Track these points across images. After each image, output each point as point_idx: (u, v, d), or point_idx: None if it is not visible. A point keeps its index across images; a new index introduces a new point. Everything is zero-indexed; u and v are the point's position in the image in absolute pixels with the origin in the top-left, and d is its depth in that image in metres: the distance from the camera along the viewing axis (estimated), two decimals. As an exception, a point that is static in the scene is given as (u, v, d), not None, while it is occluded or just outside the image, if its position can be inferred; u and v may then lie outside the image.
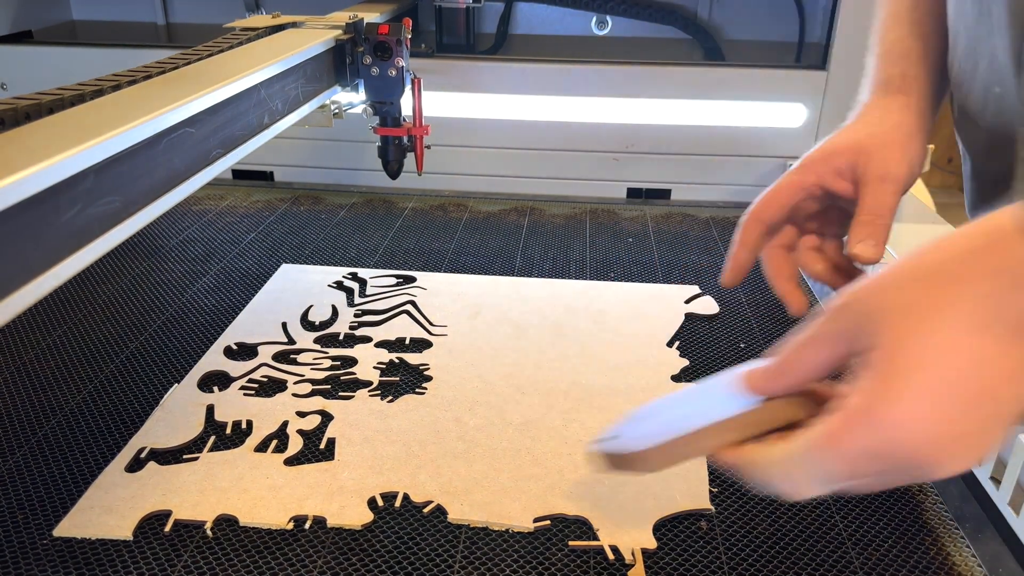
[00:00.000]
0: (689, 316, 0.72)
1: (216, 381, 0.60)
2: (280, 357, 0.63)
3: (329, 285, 0.76)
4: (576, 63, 1.01)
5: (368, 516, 0.47)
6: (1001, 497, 0.47)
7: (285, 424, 0.55)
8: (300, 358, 0.63)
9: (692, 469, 0.52)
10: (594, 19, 1.14)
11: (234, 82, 0.51)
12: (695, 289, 0.77)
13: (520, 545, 0.46)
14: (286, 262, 0.81)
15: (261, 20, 0.75)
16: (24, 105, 0.39)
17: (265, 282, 0.76)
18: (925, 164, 0.51)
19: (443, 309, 0.72)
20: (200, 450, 0.52)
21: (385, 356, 0.64)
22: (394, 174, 0.85)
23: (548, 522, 0.47)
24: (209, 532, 0.46)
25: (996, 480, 0.48)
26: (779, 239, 0.48)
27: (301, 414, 0.56)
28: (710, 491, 0.50)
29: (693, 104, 1.00)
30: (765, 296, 0.77)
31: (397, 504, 0.48)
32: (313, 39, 0.69)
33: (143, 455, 0.52)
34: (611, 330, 0.69)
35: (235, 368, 0.62)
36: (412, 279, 0.78)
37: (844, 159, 0.49)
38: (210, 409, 0.56)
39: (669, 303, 0.74)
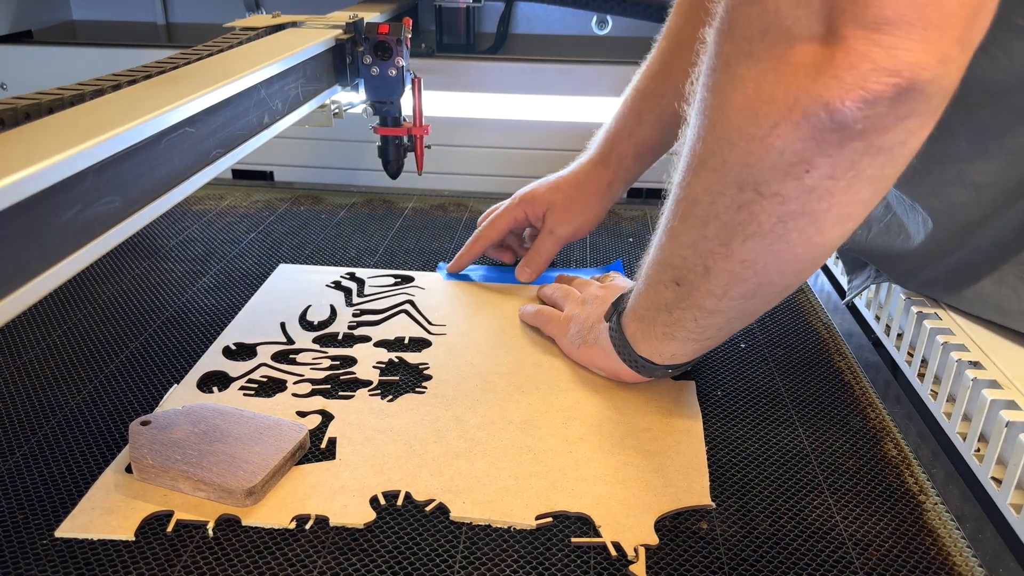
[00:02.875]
0: (689, 316, 0.72)
1: (216, 381, 0.60)
2: (279, 357, 0.63)
3: (327, 285, 0.76)
4: (576, 63, 1.01)
5: (370, 515, 0.47)
6: (1002, 498, 0.47)
7: (285, 424, 0.55)
8: (299, 358, 0.63)
9: (693, 466, 0.52)
10: (594, 19, 1.14)
11: (234, 82, 0.51)
12: (695, 289, 0.77)
13: (522, 543, 0.46)
14: (286, 262, 0.81)
15: (261, 20, 0.75)
16: (24, 105, 0.39)
17: (264, 282, 0.76)
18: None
19: (441, 308, 0.72)
20: (200, 450, 0.52)
21: (384, 355, 0.64)
22: (394, 174, 0.85)
23: (550, 519, 0.47)
24: (210, 532, 0.46)
25: (997, 480, 0.48)
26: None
27: (301, 414, 0.56)
28: (711, 488, 0.50)
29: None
30: (765, 296, 0.77)
31: (399, 503, 0.48)
32: (313, 39, 0.69)
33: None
34: (611, 330, 0.69)
35: (234, 368, 0.61)
36: (410, 279, 0.78)
37: (540, 208, 0.76)
38: (210, 409, 0.56)
39: (669, 303, 0.74)
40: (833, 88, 0.34)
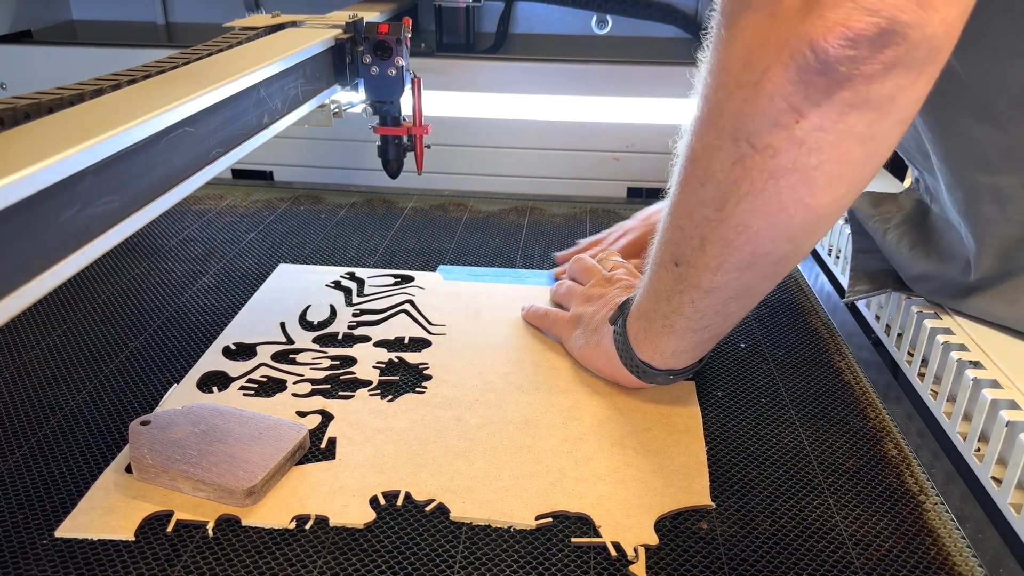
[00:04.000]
0: (689, 315, 0.72)
1: (215, 381, 0.60)
2: (279, 357, 0.63)
3: (327, 285, 0.76)
4: (576, 63, 1.01)
5: (370, 515, 0.47)
6: (1002, 497, 0.47)
7: (285, 424, 0.55)
8: (299, 358, 0.63)
9: (693, 466, 0.52)
10: (594, 19, 1.14)
11: (233, 81, 0.51)
12: (695, 288, 0.77)
13: (522, 543, 0.46)
14: (286, 262, 0.81)
15: (261, 19, 0.75)
16: (23, 105, 0.39)
17: (264, 282, 0.76)
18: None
19: (441, 308, 0.72)
20: (200, 450, 0.52)
21: (384, 355, 0.64)
22: (394, 174, 0.85)
23: (550, 519, 0.47)
24: (210, 532, 0.46)
25: (997, 480, 0.48)
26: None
27: (301, 414, 0.56)
28: (711, 488, 0.50)
29: (693, 104, 1.00)
30: (766, 296, 0.77)
31: (399, 503, 0.48)
32: (313, 38, 0.69)
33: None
34: (611, 330, 0.69)
35: (234, 368, 0.61)
36: (410, 279, 0.77)
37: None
38: (210, 409, 0.56)
39: (669, 302, 0.74)
40: (818, 26, 0.36)
